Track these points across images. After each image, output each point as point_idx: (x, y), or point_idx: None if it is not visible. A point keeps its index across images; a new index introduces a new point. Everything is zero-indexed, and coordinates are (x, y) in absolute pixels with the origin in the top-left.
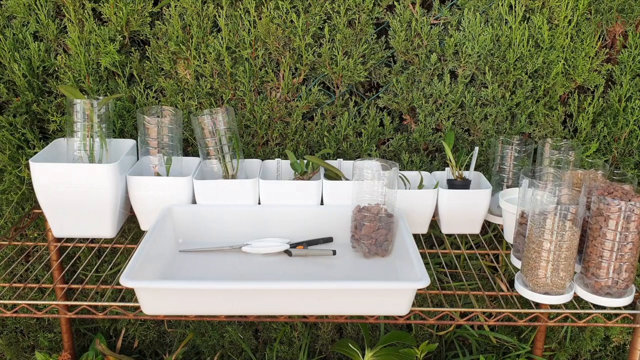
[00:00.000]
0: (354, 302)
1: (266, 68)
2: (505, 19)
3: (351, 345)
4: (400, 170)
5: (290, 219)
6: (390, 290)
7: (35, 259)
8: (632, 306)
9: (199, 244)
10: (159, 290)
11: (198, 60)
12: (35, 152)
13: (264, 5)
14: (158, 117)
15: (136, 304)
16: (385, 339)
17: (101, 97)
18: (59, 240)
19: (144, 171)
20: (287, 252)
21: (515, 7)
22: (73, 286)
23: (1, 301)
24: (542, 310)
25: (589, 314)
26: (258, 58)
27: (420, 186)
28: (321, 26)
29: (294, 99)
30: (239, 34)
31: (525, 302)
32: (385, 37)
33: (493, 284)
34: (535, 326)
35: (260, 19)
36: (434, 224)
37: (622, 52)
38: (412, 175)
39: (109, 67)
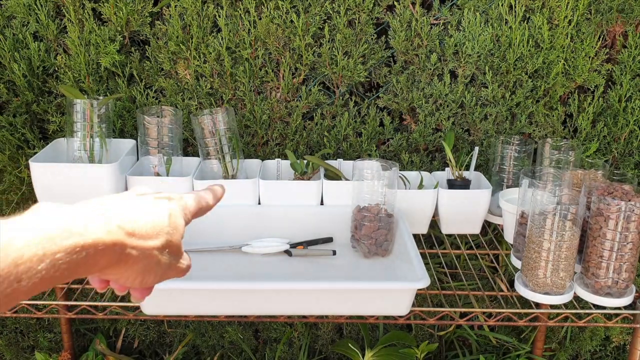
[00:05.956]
0: (354, 302)
1: (266, 68)
2: (506, 19)
3: (351, 346)
4: (400, 170)
5: (290, 219)
6: (390, 290)
7: None
8: (632, 306)
9: (199, 244)
10: (159, 290)
11: (198, 60)
12: (35, 153)
13: (264, 5)
14: (158, 117)
15: (136, 304)
16: (385, 339)
17: (101, 97)
18: None
19: (144, 171)
20: (287, 252)
21: (515, 7)
22: (73, 286)
23: None
24: (542, 311)
25: (589, 314)
26: (258, 58)
27: (420, 186)
28: (321, 26)
29: (294, 99)
30: (239, 34)
31: (525, 302)
32: (385, 37)
33: (493, 284)
34: (535, 326)
35: (260, 19)
36: (434, 224)
37: (622, 52)
38: (412, 175)
39: (109, 67)
